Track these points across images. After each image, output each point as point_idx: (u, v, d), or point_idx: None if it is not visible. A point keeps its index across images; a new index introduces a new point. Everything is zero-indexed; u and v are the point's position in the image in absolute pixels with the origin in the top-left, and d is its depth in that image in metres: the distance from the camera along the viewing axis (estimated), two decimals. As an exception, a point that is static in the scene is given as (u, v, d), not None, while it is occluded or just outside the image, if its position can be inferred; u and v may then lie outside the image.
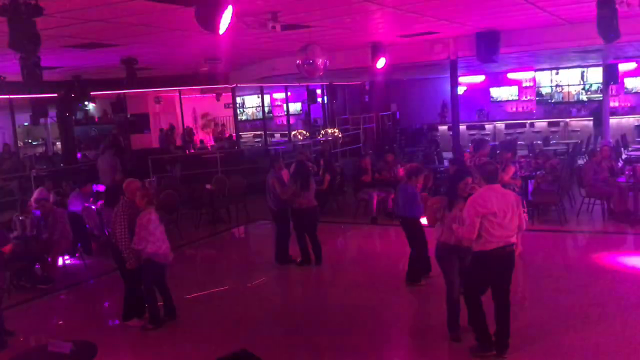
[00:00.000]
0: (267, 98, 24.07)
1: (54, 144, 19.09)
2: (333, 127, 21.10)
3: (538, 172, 11.16)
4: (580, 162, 14.64)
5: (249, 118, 24.96)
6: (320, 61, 8.77)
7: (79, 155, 16.53)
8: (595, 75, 20.07)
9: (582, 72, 20.76)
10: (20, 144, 18.04)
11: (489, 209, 5.14)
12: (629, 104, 19.95)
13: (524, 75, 21.63)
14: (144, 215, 6.47)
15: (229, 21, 5.68)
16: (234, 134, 19.83)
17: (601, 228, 10.13)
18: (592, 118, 18.95)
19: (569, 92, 21.09)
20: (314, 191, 8.70)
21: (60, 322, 7.31)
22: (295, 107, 23.70)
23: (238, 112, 21.08)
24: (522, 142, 18.58)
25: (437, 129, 22.48)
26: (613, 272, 7.83)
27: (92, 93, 14.28)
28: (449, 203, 5.68)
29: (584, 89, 20.86)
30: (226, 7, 5.51)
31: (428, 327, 6.25)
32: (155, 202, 6.79)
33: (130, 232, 6.47)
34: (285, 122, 21.96)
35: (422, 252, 7.51)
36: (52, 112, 15.60)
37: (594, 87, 20.44)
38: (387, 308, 6.99)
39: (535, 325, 6.05)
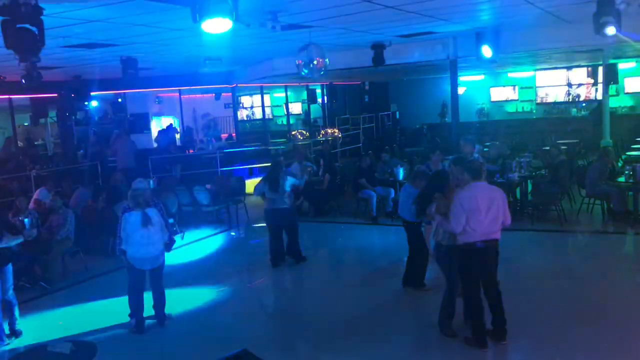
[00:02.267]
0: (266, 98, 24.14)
1: (54, 144, 19.08)
2: (333, 127, 21.10)
3: (538, 172, 11.16)
4: (581, 162, 14.62)
5: (250, 117, 25.00)
6: (320, 61, 8.78)
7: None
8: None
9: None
10: (20, 144, 18.03)
11: (474, 206, 5.36)
12: (629, 104, 19.94)
13: (524, 75, 21.64)
14: (124, 217, 6.43)
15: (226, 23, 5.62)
16: (234, 134, 19.83)
17: (601, 228, 10.13)
18: (592, 118, 18.94)
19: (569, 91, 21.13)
20: (286, 194, 8.57)
21: (60, 322, 7.31)
22: (295, 107, 23.71)
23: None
24: (522, 143, 18.53)
25: (437, 129, 22.47)
26: (613, 271, 7.83)
27: (92, 93, 14.28)
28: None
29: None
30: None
31: (428, 326, 6.23)
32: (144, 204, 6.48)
33: None
34: (285, 122, 22.00)
35: (421, 260, 7.30)
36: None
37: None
38: (387, 308, 7.01)
39: (533, 322, 6.08)
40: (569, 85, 21.23)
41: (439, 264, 6.01)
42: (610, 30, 7.28)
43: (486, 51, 10.66)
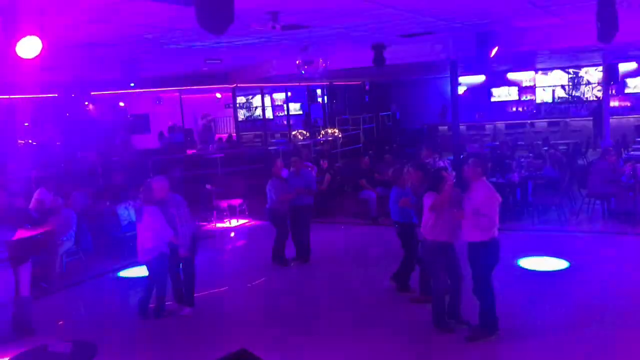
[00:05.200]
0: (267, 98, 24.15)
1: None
2: (333, 127, 21.10)
3: (538, 172, 11.16)
4: (581, 162, 14.62)
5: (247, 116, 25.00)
6: (320, 61, 8.79)
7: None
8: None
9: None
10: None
11: (499, 199, 5.57)
12: (629, 104, 19.94)
13: (524, 76, 21.63)
14: None
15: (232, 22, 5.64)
16: (234, 134, 19.84)
17: (601, 228, 10.13)
18: (592, 118, 18.95)
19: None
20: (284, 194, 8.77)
21: (61, 322, 7.31)
22: (295, 107, 23.71)
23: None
24: (522, 142, 18.57)
25: (437, 129, 22.47)
26: (613, 272, 7.83)
27: (92, 93, 14.29)
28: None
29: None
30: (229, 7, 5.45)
31: (428, 325, 6.24)
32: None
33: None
34: (285, 122, 22.00)
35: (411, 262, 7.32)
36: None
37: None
38: (387, 307, 7.00)
39: (533, 322, 6.10)
40: (569, 85, 21.22)
41: (426, 260, 6.05)
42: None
43: (486, 51, 10.65)
